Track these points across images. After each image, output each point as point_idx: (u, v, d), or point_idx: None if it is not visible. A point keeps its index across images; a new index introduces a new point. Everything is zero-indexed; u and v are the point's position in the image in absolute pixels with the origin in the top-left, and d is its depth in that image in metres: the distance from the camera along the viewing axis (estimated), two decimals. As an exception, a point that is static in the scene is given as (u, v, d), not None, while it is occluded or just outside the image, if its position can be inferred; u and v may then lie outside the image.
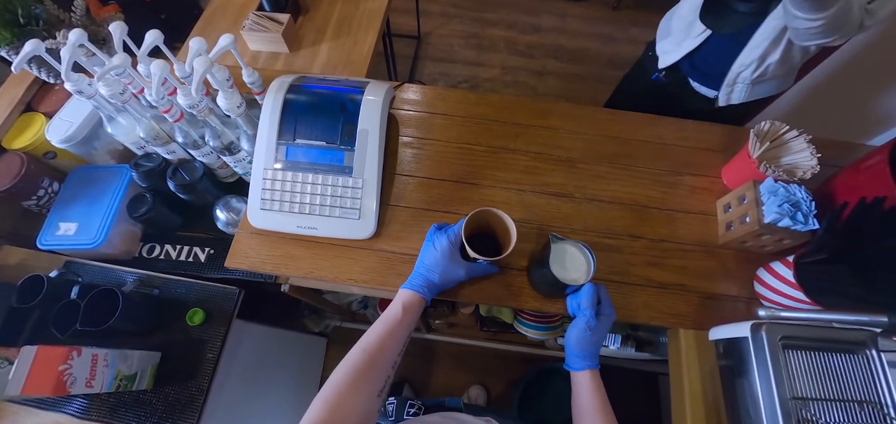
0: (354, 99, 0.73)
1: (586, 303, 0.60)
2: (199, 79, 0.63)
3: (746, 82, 0.92)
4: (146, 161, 0.87)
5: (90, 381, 0.66)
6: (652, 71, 1.09)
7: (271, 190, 0.73)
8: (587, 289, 0.61)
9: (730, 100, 0.98)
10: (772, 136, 0.75)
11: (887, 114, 1.23)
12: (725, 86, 0.94)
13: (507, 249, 0.62)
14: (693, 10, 0.91)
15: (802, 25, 0.71)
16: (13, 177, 0.84)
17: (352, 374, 0.52)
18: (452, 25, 2.58)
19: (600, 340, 0.61)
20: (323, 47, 1.19)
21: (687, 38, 0.95)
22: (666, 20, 1.06)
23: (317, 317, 1.52)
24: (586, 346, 0.59)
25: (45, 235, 0.84)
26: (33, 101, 0.96)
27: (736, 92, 0.95)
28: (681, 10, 0.99)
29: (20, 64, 0.65)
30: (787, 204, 0.67)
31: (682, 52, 0.97)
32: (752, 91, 0.94)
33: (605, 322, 0.61)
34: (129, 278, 0.87)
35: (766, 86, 0.94)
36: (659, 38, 1.07)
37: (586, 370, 0.59)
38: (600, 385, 0.59)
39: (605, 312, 0.61)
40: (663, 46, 1.04)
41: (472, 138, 0.86)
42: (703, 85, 1.01)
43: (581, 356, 0.59)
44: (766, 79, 0.91)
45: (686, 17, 0.94)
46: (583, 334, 0.59)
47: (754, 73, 0.89)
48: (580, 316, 0.60)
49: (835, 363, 0.59)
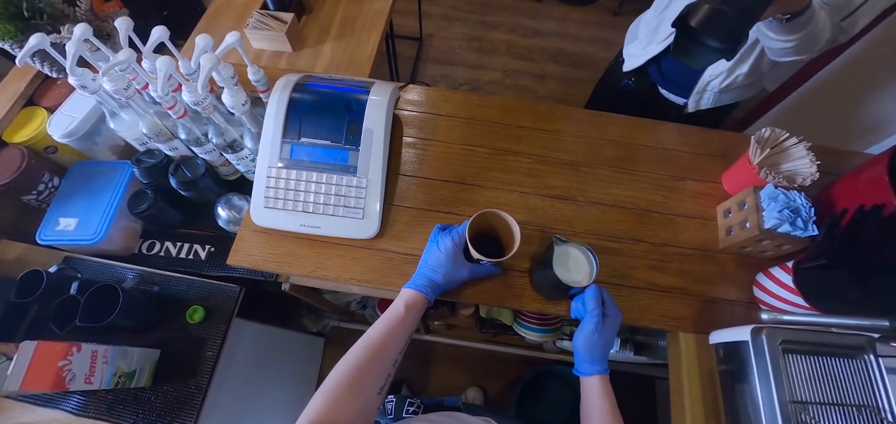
0: (360, 99, 0.74)
1: (592, 304, 0.59)
2: (205, 76, 0.63)
3: (715, 90, 0.95)
4: (148, 157, 0.86)
5: (89, 378, 0.65)
6: (621, 77, 1.11)
7: (275, 188, 0.73)
8: (591, 290, 0.61)
9: (698, 106, 1.01)
10: (772, 143, 0.76)
11: (885, 121, 1.25)
12: (694, 93, 0.98)
13: (510, 251, 0.63)
14: (657, 15, 0.94)
15: (777, 45, 0.73)
16: (13, 171, 0.84)
17: (353, 371, 0.52)
18: (454, 28, 2.59)
19: (608, 342, 0.60)
20: (326, 47, 1.20)
21: (652, 43, 0.96)
22: (634, 24, 1.08)
23: (315, 317, 1.52)
24: (595, 349, 0.59)
25: (44, 230, 0.83)
26: (35, 95, 0.96)
27: (704, 99, 0.98)
28: (647, 14, 1.00)
29: (24, 57, 0.65)
30: (787, 210, 0.68)
31: (646, 55, 0.98)
32: (719, 98, 0.97)
33: (612, 323, 0.60)
34: (129, 274, 0.86)
35: (733, 93, 0.97)
36: (627, 42, 1.09)
37: (596, 375, 0.58)
38: (610, 390, 0.58)
39: (611, 313, 0.61)
40: (630, 50, 1.06)
41: (475, 140, 0.86)
42: (671, 92, 1.04)
43: (590, 360, 0.59)
44: (735, 87, 0.94)
45: (651, 21, 0.96)
46: (591, 337, 0.59)
47: (723, 83, 0.93)
48: (587, 318, 0.60)
49: (834, 367, 0.59)
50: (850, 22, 0.73)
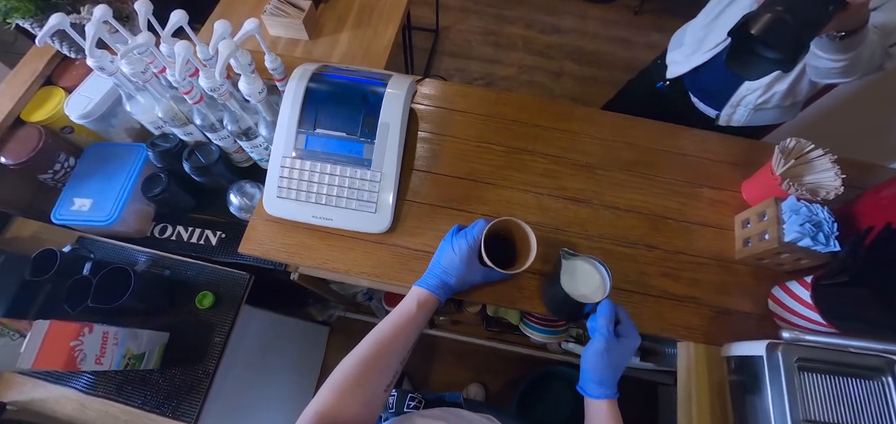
0: (377, 91, 0.73)
1: (603, 321, 0.56)
2: (223, 62, 0.63)
3: (749, 107, 0.93)
4: (163, 141, 0.87)
5: (100, 358, 0.66)
6: (657, 79, 1.09)
7: (289, 178, 0.72)
8: (604, 305, 0.57)
9: (730, 121, 0.98)
10: (797, 154, 0.74)
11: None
12: (729, 105, 0.95)
13: (525, 261, 0.61)
14: (705, 25, 0.92)
15: (824, 65, 0.71)
16: (31, 149, 0.85)
17: (360, 366, 0.52)
18: (471, 21, 2.56)
19: (619, 365, 0.56)
20: (343, 36, 1.19)
21: (697, 52, 0.95)
22: (681, 31, 1.06)
23: (321, 306, 1.53)
24: (603, 371, 0.54)
25: (59, 209, 0.84)
26: (53, 75, 0.96)
27: (737, 114, 0.96)
28: (694, 23, 0.99)
29: (44, 37, 0.64)
30: (809, 224, 0.66)
31: (690, 64, 0.97)
32: (753, 116, 0.95)
33: (626, 346, 0.56)
34: (141, 257, 0.87)
35: (767, 114, 0.95)
36: (671, 48, 1.07)
37: (603, 399, 0.54)
38: (617, 417, 0.54)
39: (626, 334, 0.56)
40: (674, 57, 1.04)
41: (491, 137, 0.85)
42: (702, 102, 1.02)
43: (597, 381, 0.55)
44: (770, 107, 0.92)
45: (698, 32, 0.94)
46: (599, 357, 0.55)
47: (759, 99, 0.90)
48: (597, 337, 0.56)
49: (849, 387, 0.58)
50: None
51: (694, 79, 1.01)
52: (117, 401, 0.76)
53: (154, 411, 0.76)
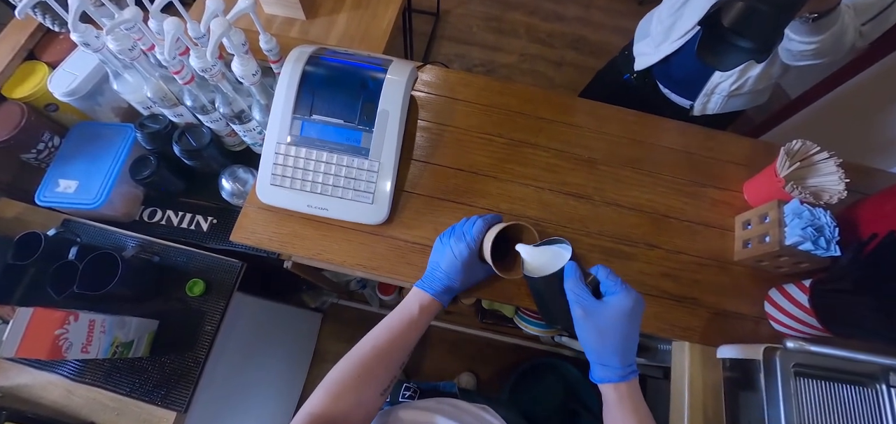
0: (376, 77, 0.70)
1: (570, 283, 0.50)
2: (215, 42, 0.60)
3: (723, 94, 0.92)
4: (152, 122, 0.84)
5: (86, 347, 0.64)
6: (625, 71, 1.06)
7: (283, 165, 0.70)
8: (566, 268, 0.51)
9: (705, 110, 0.97)
10: (801, 156, 0.73)
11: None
12: (703, 94, 0.94)
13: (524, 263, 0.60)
14: (673, 13, 0.88)
15: (796, 48, 0.70)
16: (13, 127, 0.81)
17: (358, 369, 0.50)
18: (472, 5, 2.50)
19: (611, 331, 0.47)
20: (340, 17, 1.15)
21: (665, 42, 0.92)
22: (646, 20, 1.02)
23: (314, 293, 1.51)
24: (595, 344, 0.48)
25: (43, 191, 0.81)
26: (36, 49, 0.92)
27: (712, 102, 0.95)
28: (660, 11, 0.95)
29: (24, 9, 0.61)
30: (811, 228, 0.65)
31: (659, 55, 0.94)
32: (727, 103, 0.94)
33: (613, 305, 0.48)
34: (129, 242, 0.84)
35: (741, 99, 0.94)
36: (637, 39, 1.03)
37: (607, 383, 0.48)
38: (632, 401, 0.47)
39: (611, 291, 0.49)
40: (641, 48, 1.01)
41: (493, 129, 0.83)
42: (674, 92, 0.99)
43: (600, 362, 0.48)
44: (743, 93, 0.91)
45: (665, 20, 0.91)
46: (581, 328, 0.49)
47: (733, 86, 0.89)
48: (572, 304, 0.50)
49: (844, 394, 0.59)
50: (870, 27, 0.70)
51: (663, 70, 0.98)
52: (105, 388, 0.74)
53: (143, 399, 0.74)
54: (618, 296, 0.48)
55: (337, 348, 1.63)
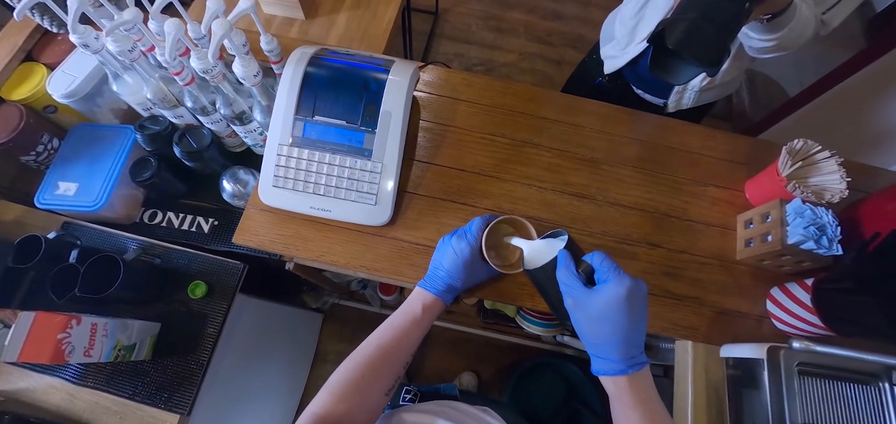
0: (379, 78, 0.70)
1: (561, 271, 0.49)
2: (216, 43, 0.59)
3: (695, 89, 0.92)
4: (152, 124, 0.83)
5: (89, 350, 0.64)
6: (595, 75, 1.05)
7: (285, 167, 0.70)
8: (559, 256, 0.51)
9: (679, 106, 0.97)
10: (803, 155, 0.74)
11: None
12: (675, 92, 0.94)
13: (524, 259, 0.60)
14: (635, 14, 0.87)
15: (757, 45, 0.70)
16: (11, 129, 0.80)
17: (362, 370, 0.50)
18: (472, 4, 2.49)
19: (604, 319, 0.45)
20: (340, 17, 1.14)
21: (631, 44, 0.90)
22: (609, 22, 1.01)
23: (316, 294, 1.51)
24: (591, 335, 0.47)
25: (43, 193, 0.81)
26: (34, 51, 0.91)
27: (686, 97, 0.95)
28: (622, 13, 0.93)
29: (23, 10, 0.60)
30: (813, 227, 0.65)
31: (626, 57, 0.92)
32: (700, 97, 0.94)
33: (604, 293, 0.45)
34: (130, 244, 0.84)
35: (713, 92, 0.95)
36: (603, 42, 1.02)
37: (606, 376, 0.46)
38: (638, 395, 0.44)
39: (604, 279, 0.46)
40: (607, 51, 1.00)
41: (495, 129, 0.83)
42: (646, 92, 0.99)
43: (599, 355, 0.47)
44: (715, 86, 0.92)
45: (628, 21, 0.89)
46: (574, 318, 0.48)
47: (703, 82, 0.89)
48: (564, 293, 0.49)
49: (847, 392, 0.59)
50: (831, 15, 0.70)
51: (633, 71, 0.97)
52: (108, 392, 0.74)
53: (146, 402, 0.74)
54: (609, 284, 0.45)
55: (338, 348, 1.63)
